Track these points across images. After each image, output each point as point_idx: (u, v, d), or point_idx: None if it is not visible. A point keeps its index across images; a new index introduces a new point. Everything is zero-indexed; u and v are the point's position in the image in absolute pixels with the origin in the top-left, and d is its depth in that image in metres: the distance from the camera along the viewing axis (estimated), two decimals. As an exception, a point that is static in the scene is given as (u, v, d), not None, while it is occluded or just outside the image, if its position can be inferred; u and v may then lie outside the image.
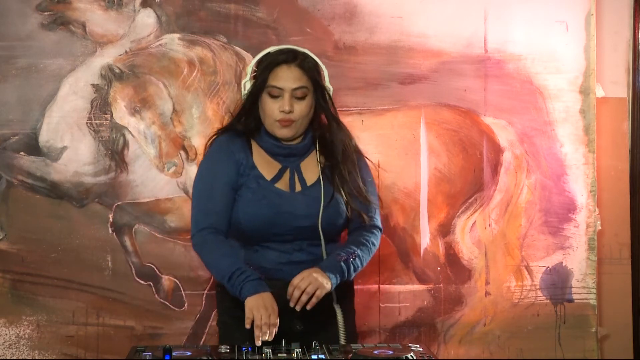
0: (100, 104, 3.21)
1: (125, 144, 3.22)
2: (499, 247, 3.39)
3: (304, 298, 2.44)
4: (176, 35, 3.23)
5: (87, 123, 3.20)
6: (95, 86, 3.20)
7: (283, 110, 2.57)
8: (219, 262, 2.53)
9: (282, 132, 2.61)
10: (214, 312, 3.20)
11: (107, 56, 3.20)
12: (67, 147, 3.20)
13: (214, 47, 3.24)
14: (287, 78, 2.58)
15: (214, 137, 2.70)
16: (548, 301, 3.41)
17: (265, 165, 2.64)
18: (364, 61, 3.31)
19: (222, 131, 2.70)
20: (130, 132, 3.22)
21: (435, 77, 3.34)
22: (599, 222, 3.41)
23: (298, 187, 2.63)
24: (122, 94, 3.21)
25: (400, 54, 3.32)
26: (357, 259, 2.57)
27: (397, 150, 3.34)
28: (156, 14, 3.22)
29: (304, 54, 2.63)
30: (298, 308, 2.45)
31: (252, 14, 3.26)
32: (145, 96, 3.22)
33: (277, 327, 2.41)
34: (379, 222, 2.72)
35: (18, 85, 3.17)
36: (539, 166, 3.39)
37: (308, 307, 2.44)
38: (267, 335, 2.38)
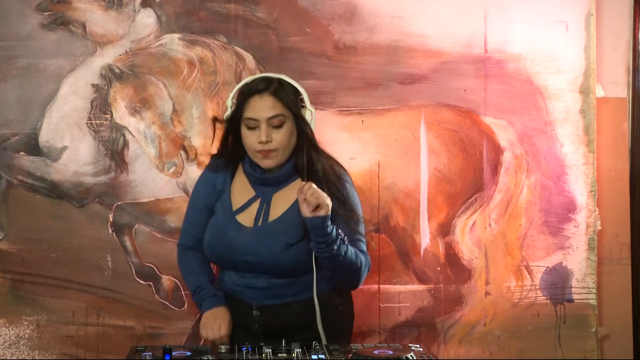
0: (100, 104, 3.21)
1: (125, 144, 3.22)
2: (499, 247, 3.39)
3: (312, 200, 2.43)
4: (176, 35, 3.23)
5: (87, 123, 3.21)
6: (95, 86, 3.20)
7: (260, 141, 2.55)
8: (187, 277, 2.76)
9: (265, 163, 2.60)
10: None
11: (107, 56, 3.20)
12: (67, 147, 3.20)
13: (214, 47, 3.24)
14: (260, 108, 2.56)
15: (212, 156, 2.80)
16: (548, 301, 3.41)
17: (241, 191, 2.67)
18: (364, 61, 3.31)
19: (218, 152, 2.75)
20: (130, 132, 3.22)
21: (435, 77, 3.34)
22: (599, 222, 3.41)
23: (261, 221, 2.61)
24: (122, 94, 3.21)
25: (400, 54, 3.32)
26: (345, 242, 2.51)
27: (397, 150, 3.34)
28: (156, 14, 3.22)
29: (279, 80, 2.60)
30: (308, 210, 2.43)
31: (252, 14, 3.26)
32: (145, 96, 3.22)
33: (227, 337, 2.57)
34: (365, 253, 2.63)
35: (18, 85, 3.17)
36: (539, 166, 3.39)
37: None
38: (222, 346, 2.47)
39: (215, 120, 2.81)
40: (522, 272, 3.40)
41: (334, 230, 2.47)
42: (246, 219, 2.62)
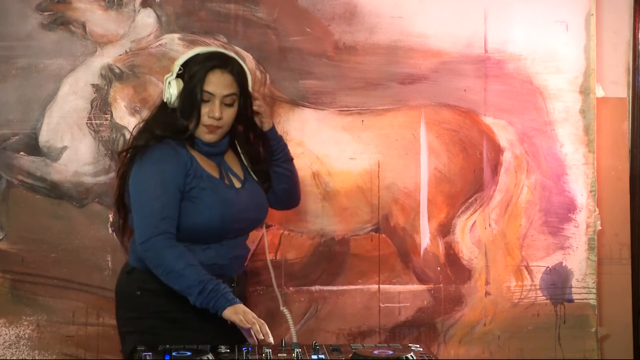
0: (100, 104, 3.21)
1: (125, 144, 3.22)
2: (499, 247, 3.39)
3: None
4: (176, 35, 3.23)
5: (87, 123, 3.20)
6: (95, 86, 3.20)
7: (212, 116, 2.57)
8: (185, 271, 2.47)
9: (208, 137, 2.63)
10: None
11: (107, 56, 3.20)
12: (67, 147, 3.20)
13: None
14: (218, 84, 2.58)
15: (149, 132, 2.65)
16: (548, 301, 3.41)
17: (205, 164, 2.66)
18: (364, 61, 3.30)
19: (150, 131, 2.64)
20: (130, 132, 3.22)
21: (435, 77, 3.34)
22: (599, 222, 3.41)
23: (237, 183, 2.70)
24: (122, 94, 3.21)
25: (400, 54, 3.32)
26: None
27: (397, 150, 3.34)
28: (156, 14, 3.22)
29: (234, 59, 2.65)
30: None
31: (252, 14, 3.26)
32: (145, 96, 3.22)
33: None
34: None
35: (18, 85, 3.17)
36: (539, 166, 3.39)
37: None
38: (267, 336, 2.40)
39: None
40: (522, 272, 3.40)
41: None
42: (228, 183, 2.69)
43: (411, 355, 2.32)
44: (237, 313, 2.44)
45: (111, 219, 3.22)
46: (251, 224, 2.75)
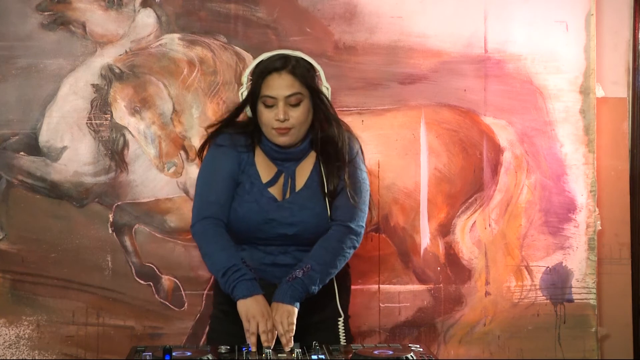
0: (100, 104, 3.21)
1: (125, 144, 3.22)
2: (499, 247, 3.39)
3: (288, 336, 2.41)
4: (176, 35, 3.23)
5: (87, 123, 3.21)
6: (95, 86, 3.20)
7: (278, 119, 2.55)
8: (216, 254, 2.52)
9: (281, 140, 2.59)
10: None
11: (107, 56, 3.20)
12: (67, 147, 3.20)
13: (214, 47, 3.24)
14: (278, 86, 2.55)
15: (215, 131, 2.67)
16: (548, 301, 3.41)
17: (264, 166, 2.64)
18: (364, 61, 3.31)
19: (222, 128, 2.67)
20: (130, 132, 3.22)
21: (435, 77, 3.34)
22: (599, 222, 3.41)
23: (288, 194, 2.62)
24: (122, 94, 3.21)
25: (400, 54, 3.32)
26: (312, 271, 2.50)
27: (397, 150, 3.34)
28: (156, 14, 3.22)
29: (296, 58, 2.59)
30: (290, 345, 2.41)
31: (252, 14, 3.26)
32: (145, 96, 3.22)
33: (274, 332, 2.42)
34: (359, 228, 2.63)
35: (18, 85, 3.17)
36: (539, 166, 3.39)
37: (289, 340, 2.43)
38: (269, 341, 2.39)
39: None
40: (522, 272, 3.40)
41: (309, 288, 2.49)
42: (275, 192, 2.62)
43: (411, 355, 2.32)
44: (248, 312, 2.42)
45: (111, 219, 3.22)
46: (293, 238, 2.60)
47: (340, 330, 2.60)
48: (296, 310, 2.45)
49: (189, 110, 3.23)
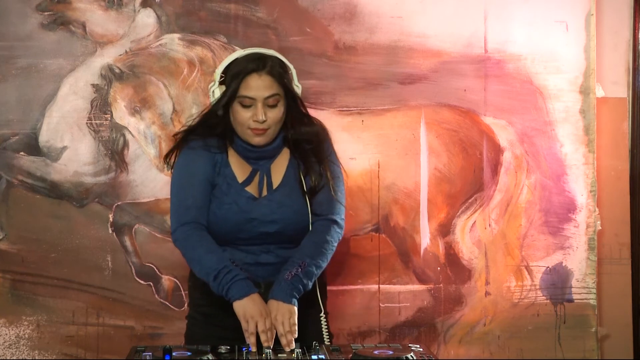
0: (100, 104, 3.21)
1: (125, 144, 3.22)
2: (499, 247, 3.39)
3: (290, 337, 2.40)
4: (176, 35, 3.23)
5: (87, 123, 3.21)
6: (95, 86, 3.20)
7: (257, 120, 2.53)
8: (204, 258, 2.49)
9: (256, 140, 2.57)
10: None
11: (107, 56, 3.20)
12: (67, 147, 3.20)
13: (214, 47, 3.24)
14: (258, 87, 2.52)
15: (185, 135, 2.63)
16: (548, 301, 3.41)
17: (238, 166, 2.62)
18: (364, 61, 3.31)
19: (192, 131, 2.63)
20: (130, 132, 3.22)
21: (435, 77, 3.34)
22: (599, 222, 3.41)
23: (265, 192, 2.61)
24: (122, 94, 3.22)
25: (400, 54, 3.32)
26: (308, 267, 2.50)
27: (397, 150, 3.34)
28: (156, 14, 3.22)
29: (273, 58, 2.57)
30: (291, 346, 2.40)
31: (252, 14, 3.26)
32: (145, 96, 3.22)
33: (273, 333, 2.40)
34: (342, 221, 2.65)
35: (18, 85, 3.17)
36: (539, 166, 3.39)
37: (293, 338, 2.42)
38: (269, 341, 2.38)
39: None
40: (522, 272, 3.40)
41: (296, 283, 2.48)
42: (252, 191, 2.61)
43: (411, 355, 2.32)
44: (246, 313, 2.41)
45: (111, 219, 3.22)
46: (275, 236, 2.59)
47: (322, 326, 2.58)
48: (296, 309, 2.44)
49: (189, 110, 3.23)
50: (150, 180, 3.23)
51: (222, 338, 2.46)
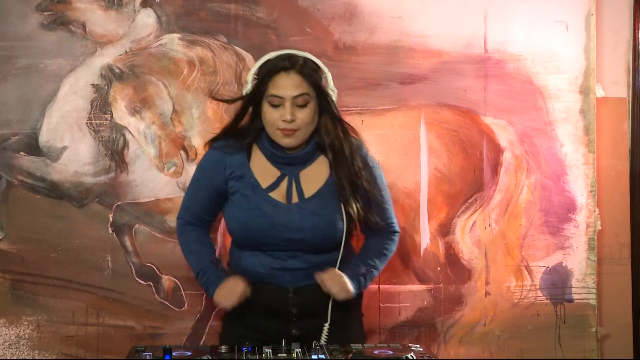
0: (100, 104, 3.21)
1: (125, 144, 3.22)
2: (499, 247, 3.39)
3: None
4: (176, 35, 3.23)
5: (87, 123, 3.21)
6: (95, 86, 3.20)
7: (285, 120, 2.52)
8: (187, 257, 2.73)
9: (286, 141, 2.56)
10: (213, 312, 3.20)
11: (107, 56, 3.21)
12: (67, 147, 3.20)
13: (214, 47, 3.24)
14: (286, 86, 2.52)
15: (213, 139, 2.70)
16: (548, 301, 3.41)
17: (263, 171, 2.61)
18: (364, 61, 3.31)
19: (223, 134, 2.69)
20: (130, 132, 3.22)
21: (435, 77, 3.34)
22: (599, 222, 3.41)
23: (295, 199, 2.59)
24: (122, 94, 3.22)
25: (400, 54, 3.32)
26: (374, 271, 2.64)
27: (397, 150, 3.34)
28: (156, 14, 3.22)
29: (304, 58, 2.56)
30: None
31: (252, 14, 3.26)
32: (145, 96, 3.22)
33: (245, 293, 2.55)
34: (396, 226, 2.74)
35: (18, 85, 3.17)
36: (539, 166, 3.39)
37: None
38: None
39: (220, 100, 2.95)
40: (522, 272, 3.40)
41: (362, 280, 2.61)
42: (278, 197, 2.59)
43: (411, 355, 2.32)
44: (221, 301, 2.57)
45: (111, 219, 3.22)
46: (300, 243, 2.59)
47: (323, 335, 2.59)
48: (351, 296, 2.55)
49: (189, 110, 3.23)
50: (150, 180, 3.23)
51: (254, 339, 2.49)
